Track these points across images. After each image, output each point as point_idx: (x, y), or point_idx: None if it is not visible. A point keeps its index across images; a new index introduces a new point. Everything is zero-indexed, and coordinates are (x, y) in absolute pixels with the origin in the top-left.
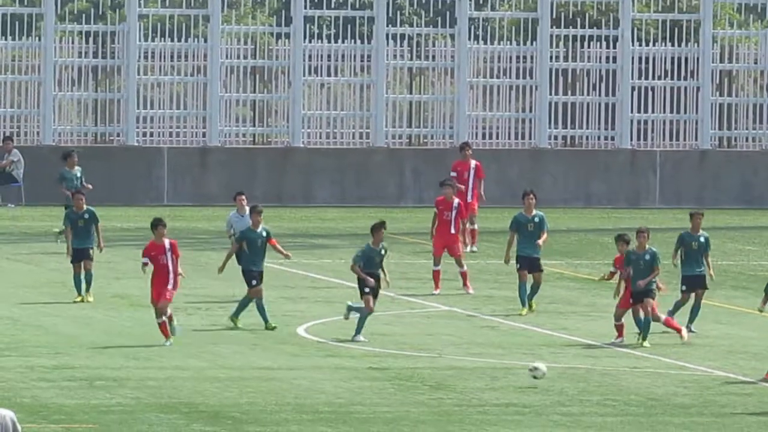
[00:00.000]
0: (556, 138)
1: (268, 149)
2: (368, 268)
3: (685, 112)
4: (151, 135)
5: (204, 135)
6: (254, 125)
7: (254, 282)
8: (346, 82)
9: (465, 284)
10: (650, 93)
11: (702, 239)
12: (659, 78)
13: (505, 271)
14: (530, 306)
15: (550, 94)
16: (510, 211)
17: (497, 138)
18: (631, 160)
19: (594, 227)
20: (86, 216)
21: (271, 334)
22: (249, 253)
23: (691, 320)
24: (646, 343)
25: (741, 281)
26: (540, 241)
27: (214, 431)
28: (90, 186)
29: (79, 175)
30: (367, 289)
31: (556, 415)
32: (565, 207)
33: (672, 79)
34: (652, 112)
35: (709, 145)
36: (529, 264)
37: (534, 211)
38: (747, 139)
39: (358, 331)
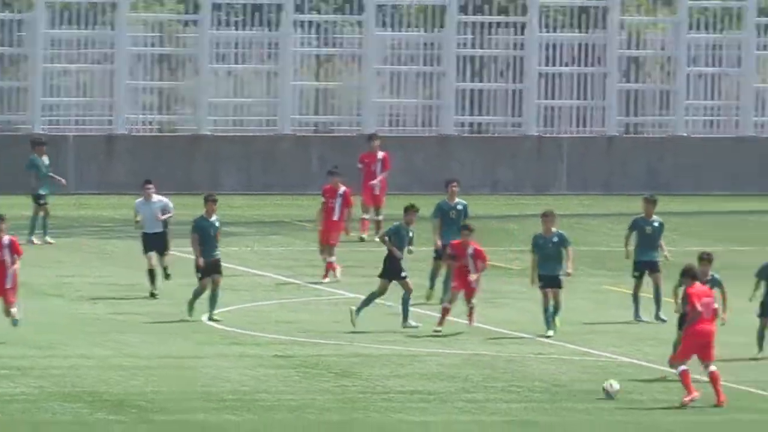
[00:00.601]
0: (462, 125)
1: (175, 137)
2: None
3: (592, 99)
4: (57, 123)
5: (110, 123)
6: (161, 113)
7: (200, 274)
8: (253, 70)
9: (325, 275)
10: (557, 79)
11: (656, 224)
12: (566, 65)
13: (410, 258)
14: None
15: (457, 80)
16: (416, 198)
17: (404, 125)
18: (537, 147)
19: (500, 214)
20: None
21: (177, 321)
22: (202, 242)
23: (658, 308)
24: (550, 332)
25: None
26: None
27: (118, 420)
28: (63, 181)
29: (47, 163)
30: (403, 273)
31: (461, 402)
32: (471, 194)
33: (579, 65)
34: (559, 98)
35: (615, 132)
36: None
37: (457, 199)
38: (653, 126)
39: (405, 317)
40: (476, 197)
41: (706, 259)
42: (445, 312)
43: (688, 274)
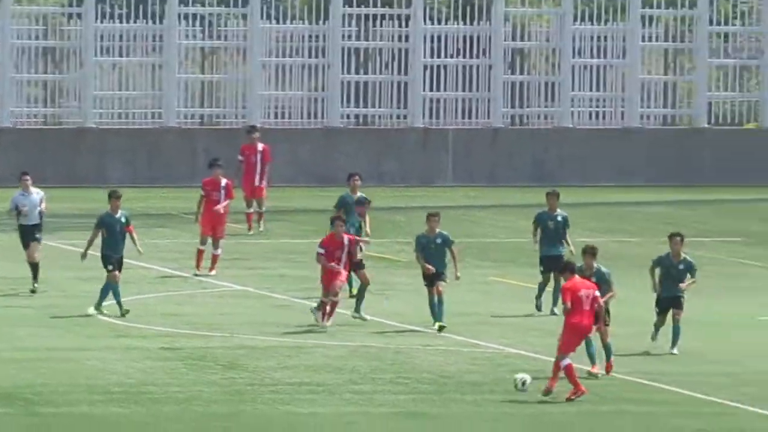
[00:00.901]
0: (348, 117)
1: (60, 130)
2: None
3: (478, 91)
4: None
5: None
6: (46, 106)
7: (110, 267)
8: (138, 62)
9: (212, 267)
10: (442, 71)
11: (560, 218)
12: (451, 56)
13: (298, 251)
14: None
15: (343, 73)
16: (301, 191)
17: (290, 117)
18: (423, 139)
19: (387, 206)
20: None
21: (64, 314)
22: (107, 237)
23: (554, 303)
24: (437, 326)
25: (534, 257)
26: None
27: (5, 413)
28: None
29: None
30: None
31: (348, 394)
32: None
33: (464, 57)
34: (445, 90)
35: (501, 123)
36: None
37: (358, 193)
38: (539, 117)
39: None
40: (362, 189)
41: (589, 252)
42: (325, 307)
43: (567, 269)
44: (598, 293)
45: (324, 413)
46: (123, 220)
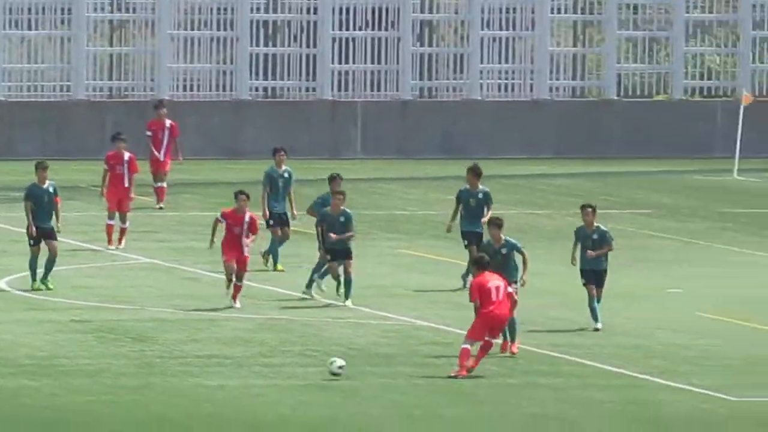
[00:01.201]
0: (257, 89)
1: None
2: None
3: (386, 63)
4: None
5: None
6: None
7: (32, 242)
8: (47, 35)
9: (120, 240)
10: (351, 44)
11: (480, 195)
12: (360, 29)
13: (206, 223)
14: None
15: (251, 45)
16: (210, 163)
17: (198, 90)
18: (332, 111)
19: (296, 178)
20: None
21: None
22: (35, 209)
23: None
24: (348, 302)
25: (443, 230)
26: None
27: None
28: None
29: None
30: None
31: (257, 366)
32: (267, 158)
33: (373, 29)
34: (353, 63)
35: (410, 96)
36: (278, 218)
37: (284, 167)
38: (447, 90)
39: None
40: (271, 162)
41: (494, 223)
42: (230, 284)
43: (477, 264)
44: (511, 289)
45: (233, 386)
46: (51, 190)
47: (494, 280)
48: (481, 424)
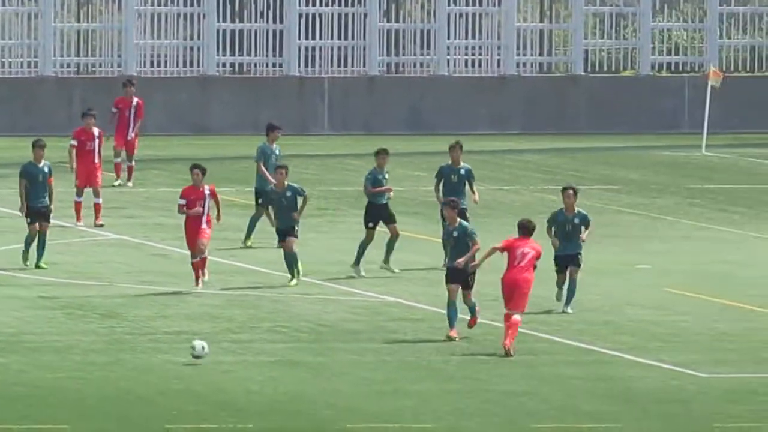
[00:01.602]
0: (224, 65)
1: None
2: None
3: (353, 39)
4: None
5: None
6: None
7: (29, 220)
8: (14, 11)
9: (97, 217)
10: (318, 19)
11: (462, 171)
12: (326, 4)
13: (173, 199)
14: None
15: (218, 21)
16: (178, 139)
17: (166, 66)
18: (299, 87)
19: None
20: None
21: None
22: (30, 188)
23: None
24: (293, 282)
25: (412, 207)
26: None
27: None
28: None
29: None
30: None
31: (226, 342)
32: (234, 134)
33: (339, 5)
34: (320, 38)
35: (377, 72)
36: (264, 195)
37: (274, 145)
38: (414, 65)
39: (386, 259)
40: (239, 138)
41: (450, 205)
42: (196, 270)
43: (521, 228)
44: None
45: (202, 362)
46: (46, 170)
47: (526, 247)
48: (451, 400)
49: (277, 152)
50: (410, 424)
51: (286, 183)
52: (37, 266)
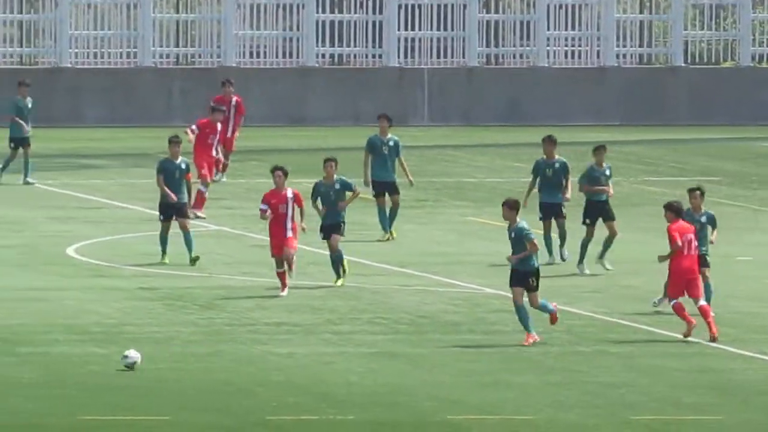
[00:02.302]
0: (323, 56)
1: (35, 70)
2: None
3: (452, 30)
4: None
5: None
6: (21, 46)
7: (161, 217)
8: (113, 2)
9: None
10: (417, 10)
11: (557, 165)
12: None
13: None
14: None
15: (318, 12)
16: (276, 130)
17: (265, 57)
18: (398, 78)
19: (362, 145)
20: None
21: (40, 254)
22: (167, 184)
23: (562, 246)
24: (339, 282)
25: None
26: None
27: None
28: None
29: (30, 106)
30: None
31: (327, 334)
32: (332, 125)
33: None
34: (420, 29)
35: (476, 63)
36: (385, 187)
37: (389, 135)
38: (514, 56)
39: (601, 255)
40: (338, 129)
41: (508, 204)
42: (283, 278)
43: (671, 210)
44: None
45: (302, 353)
46: (183, 166)
47: (689, 233)
48: (550, 392)
49: (391, 143)
50: (510, 415)
51: (335, 176)
52: (192, 261)
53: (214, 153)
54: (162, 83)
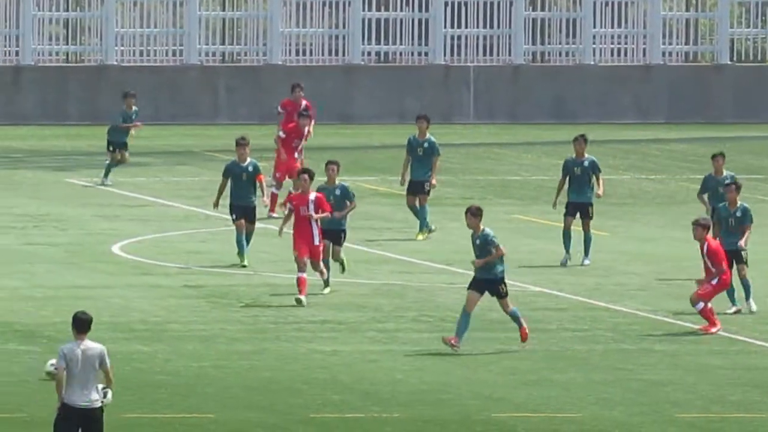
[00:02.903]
0: (369, 54)
1: (81, 67)
2: None
3: (498, 27)
4: None
5: (17, 54)
6: (67, 43)
7: (234, 216)
8: (159, 0)
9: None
10: (463, 8)
11: (586, 163)
12: None
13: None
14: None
15: (364, 9)
16: (322, 128)
17: (311, 54)
18: (444, 76)
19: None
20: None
21: (86, 252)
22: (233, 186)
23: (586, 252)
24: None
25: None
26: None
27: (29, 350)
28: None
29: (134, 116)
30: None
31: (371, 332)
32: (378, 123)
33: None
34: (466, 27)
35: (522, 60)
36: (414, 186)
37: (427, 135)
38: (560, 54)
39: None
40: (383, 126)
41: (470, 211)
42: (302, 283)
43: (701, 225)
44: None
45: (346, 351)
46: (250, 169)
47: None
48: (595, 390)
49: (426, 145)
50: (554, 413)
51: (337, 181)
52: (241, 261)
53: (296, 156)
54: (207, 81)
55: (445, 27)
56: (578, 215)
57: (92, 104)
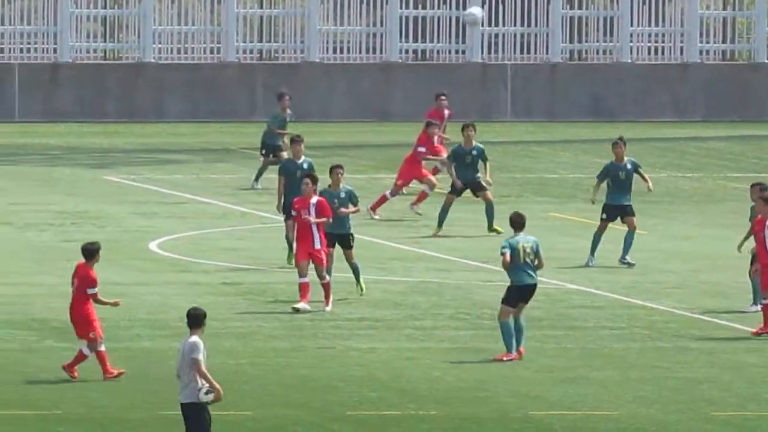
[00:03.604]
0: (407, 52)
1: (119, 65)
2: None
3: (536, 25)
4: (1, 51)
5: (55, 51)
6: (105, 41)
7: (285, 216)
8: None
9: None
10: (501, 6)
11: (629, 166)
12: None
13: (354, 185)
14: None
15: (401, 7)
16: (360, 126)
17: (348, 52)
18: (482, 74)
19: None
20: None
21: (123, 249)
22: (288, 184)
23: (625, 252)
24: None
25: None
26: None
27: (66, 348)
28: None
29: (289, 120)
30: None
31: (408, 329)
32: (415, 121)
33: None
34: (503, 25)
35: (559, 58)
36: (473, 187)
37: (474, 143)
38: (597, 52)
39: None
40: (420, 125)
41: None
42: (304, 288)
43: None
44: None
45: (384, 348)
46: (305, 166)
47: None
48: (631, 388)
49: (474, 152)
50: (591, 411)
51: (342, 184)
52: (289, 260)
53: (423, 163)
54: (245, 79)
55: (482, 25)
56: (619, 219)
57: (130, 102)
